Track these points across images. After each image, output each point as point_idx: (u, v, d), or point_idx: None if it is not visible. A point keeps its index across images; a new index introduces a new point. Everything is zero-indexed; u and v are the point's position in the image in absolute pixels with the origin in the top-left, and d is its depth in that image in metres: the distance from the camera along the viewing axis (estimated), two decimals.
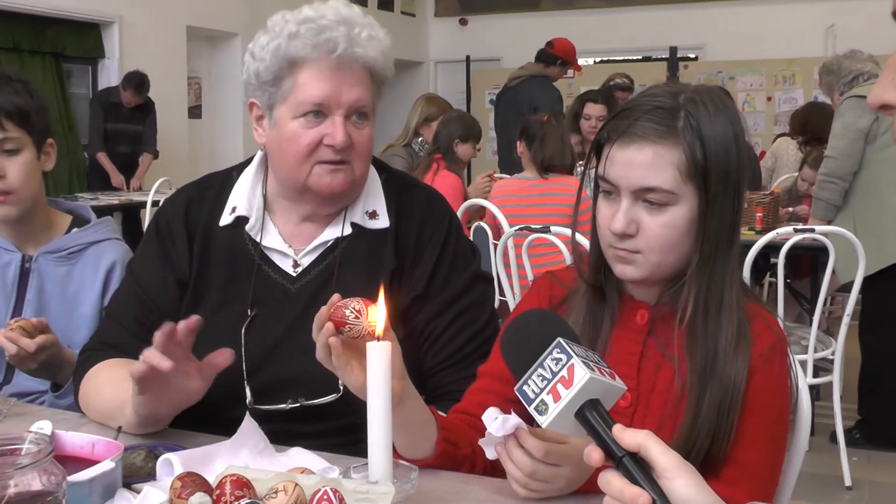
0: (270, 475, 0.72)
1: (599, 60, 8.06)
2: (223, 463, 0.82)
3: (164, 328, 0.87)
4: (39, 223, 1.32)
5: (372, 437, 0.75)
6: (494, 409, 0.79)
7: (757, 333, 0.87)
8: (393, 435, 0.76)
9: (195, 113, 6.39)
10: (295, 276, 1.07)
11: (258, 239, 1.08)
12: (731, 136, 0.85)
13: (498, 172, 3.98)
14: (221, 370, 0.93)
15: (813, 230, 2.48)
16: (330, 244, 1.08)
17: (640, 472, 0.62)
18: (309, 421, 1.01)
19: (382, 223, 1.08)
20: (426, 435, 0.85)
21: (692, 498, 0.61)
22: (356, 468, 0.78)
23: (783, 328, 0.91)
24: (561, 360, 0.66)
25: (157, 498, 0.74)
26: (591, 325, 0.91)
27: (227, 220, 1.09)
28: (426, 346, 1.06)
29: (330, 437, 0.98)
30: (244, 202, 1.09)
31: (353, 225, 1.08)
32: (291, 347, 1.03)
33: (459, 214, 2.95)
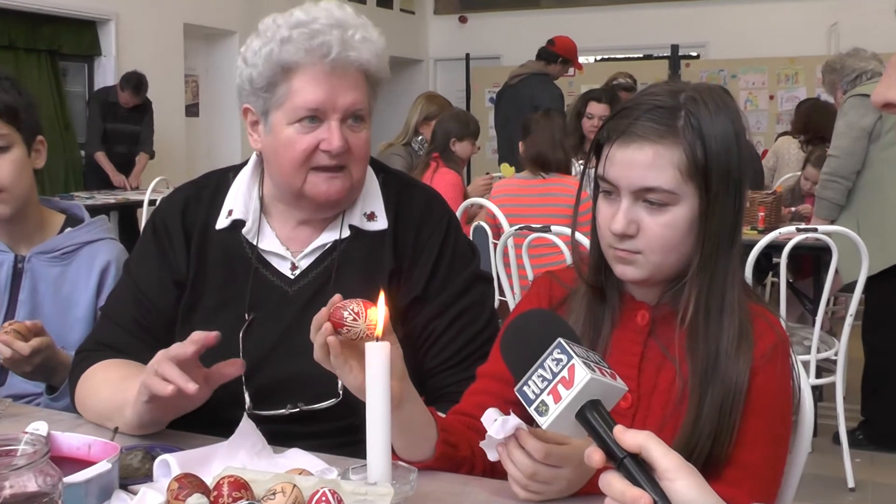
0: (268, 476, 0.72)
1: (600, 58, 8.05)
2: (221, 464, 0.81)
3: (187, 350, 0.87)
4: (32, 222, 1.31)
5: (371, 438, 0.74)
6: (493, 410, 0.78)
7: (759, 334, 0.87)
8: (392, 436, 0.76)
9: (192, 111, 6.36)
10: (293, 278, 1.07)
11: (255, 242, 1.08)
12: (731, 134, 0.85)
13: (498, 172, 3.97)
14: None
15: (816, 230, 2.48)
16: (328, 247, 1.07)
17: (641, 473, 0.61)
18: (308, 423, 1.01)
19: (381, 224, 1.07)
20: (426, 436, 0.84)
21: (694, 499, 0.60)
22: (355, 469, 0.77)
23: (785, 328, 0.90)
24: (561, 360, 0.66)
25: (154, 499, 0.73)
26: (591, 325, 0.91)
27: (223, 223, 1.09)
28: (426, 347, 1.06)
29: (329, 438, 0.98)
30: (240, 205, 1.09)
31: (351, 227, 1.08)
32: (289, 350, 1.03)
33: (459, 213, 2.95)
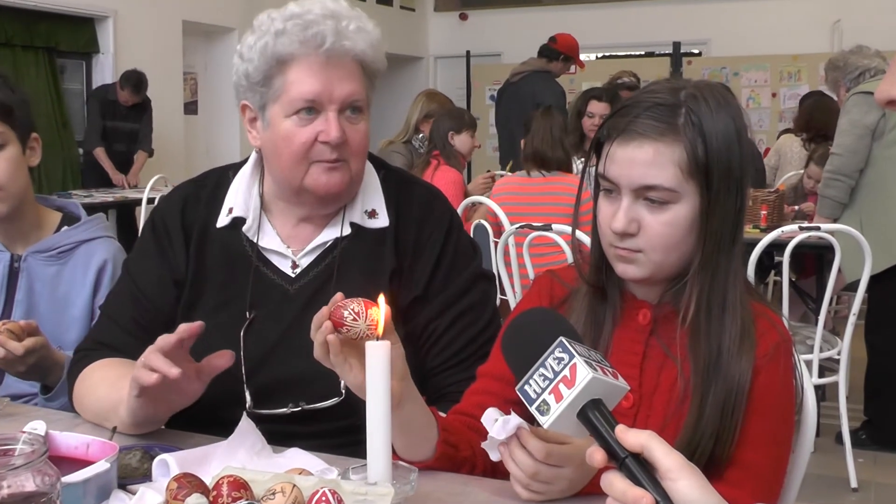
0: (268, 476, 0.72)
1: (601, 56, 8.03)
2: (220, 464, 0.81)
3: (170, 339, 0.86)
4: (28, 221, 1.30)
5: (371, 438, 0.74)
6: (493, 409, 0.78)
7: (761, 333, 0.86)
8: (392, 436, 0.75)
9: (191, 109, 6.34)
10: (294, 276, 1.06)
11: (255, 240, 1.07)
12: (733, 132, 0.84)
13: (500, 170, 3.96)
14: (220, 373, 0.92)
15: (818, 228, 2.47)
16: (329, 245, 1.07)
17: (643, 473, 0.61)
18: (309, 422, 1.01)
19: (382, 222, 1.07)
20: (426, 436, 0.84)
21: (696, 499, 0.60)
22: (355, 469, 0.77)
23: (788, 328, 0.90)
24: (563, 359, 0.65)
25: (152, 499, 0.73)
26: (592, 324, 0.90)
27: (223, 221, 1.08)
28: (427, 347, 1.05)
29: (330, 438, 0.97)
30: (241, 203, 1.08)
31: (352, 225, 1.07)
32: (290, 349, 1.02)
33: (459, 212, 2.94)
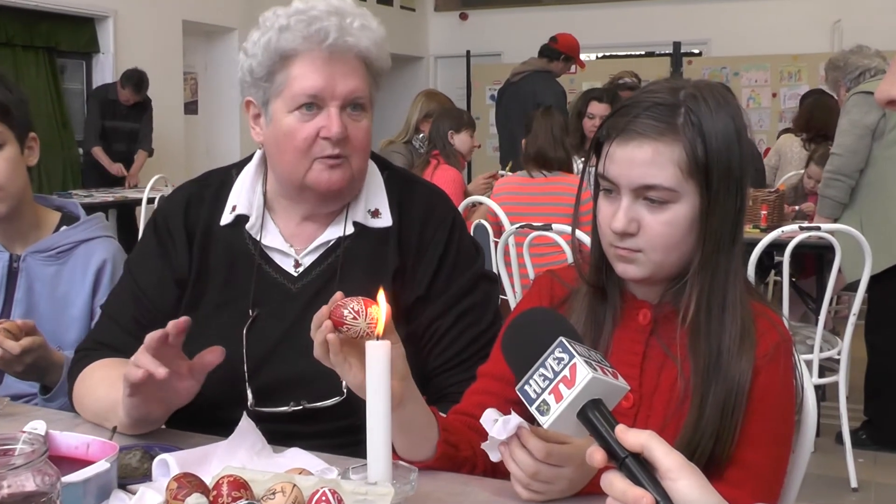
0: (268, 476, 0.72)
1: (602, 55, 8.03)
2: (220, 464, 0.81)
3: (155, 335, 0.86)
4: (27, 221, 1.30)
5: (371, 437, 0.74)
6: (492, 410, 0.78)
7: (761, 333, 0.86)
8: (393, 436, 0.75)
9: (191, 109, 6.35)
10: (296, 275, 1.06)
11: (258, 238, 1.07)
12: (732, 132, 0.84)
13: (501, 170, 3.96)
14: (221, 370, 0.92)
15: (819, 228, 2.47)
16: (332, 244, 1.07)
17: (643, 472, 0.61)
18: (311, 422, 1.00)
19: (385, 222, 1.07)
20: (427, 437, 0.84)
21: (696, 499, 0.60)
22: (355, 469, 0.77)
23: (788, 328, 0.90)
24: (563, 359, 0.65)
25: (152, 499, 0.73)
26: (592, 325, 0.90)
27: (227, 218, 1.08)
28: (429, 347, 1.05)
29: (331, 437, 0.97)
30: (244, 201, 1.08)
31: (355, 224, 1.07)
32: (293, 348, 1.02)
33: (460, 210, 2.93)
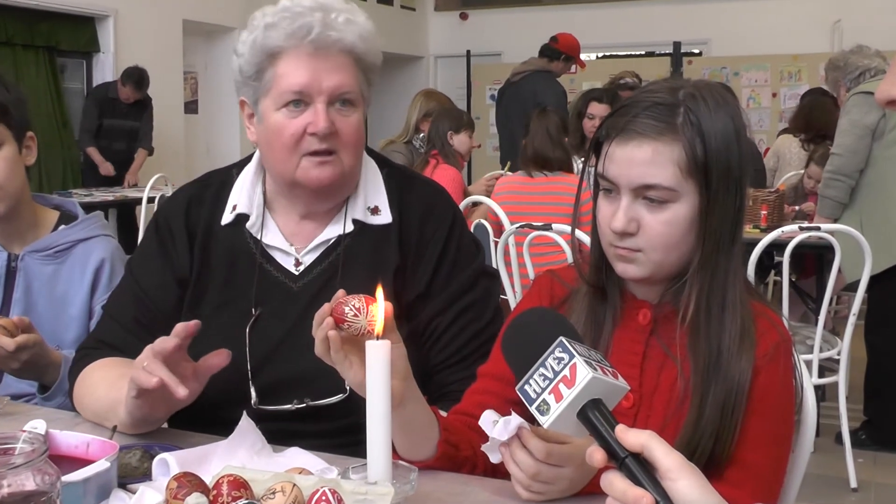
0: (268, 475, 0.72)
1: (602, 55, 8.03)
2: (220, 463, 0.81)
3: (168, 345, 0.86)
4: (25, 220, 1.29)
5: (371, 437, 0.74)
6: (491, 412, 0.77)
7: (761, 332, 0.86)
8: (393, 436, 0.75)
9: (191, 108, 6.35)
10: (297, 274, 1.06)
11: (259, 237, 1.07)
12: (731, 131, 0.84)
13: (502, 169, 3.96)
14: (224, 370, 0.92)
15: (819, 228, 2.47)
16: (332, 242, 1.07)
17: (643, 472, 0.61)
18: (312, 420, 1.01)
19: (385, 219, 1.07)
20: (428, 436, 0.84)
21: (696, 499, 0.60)
22: (355, 469, 0.77)
23: (788, 328, 0.90)
24: (563, 359, 0.65)
25: (152, 498, 0.73)
26: (592, 325, 0.90)
27: (227, 218, 1.08)
28: (429, 344, 1.05)
29: (333, 436, 0.97)
30: (245, 200, 1.08)
31: (354, 222, 1.07)
32: (295, 346, 1.02)
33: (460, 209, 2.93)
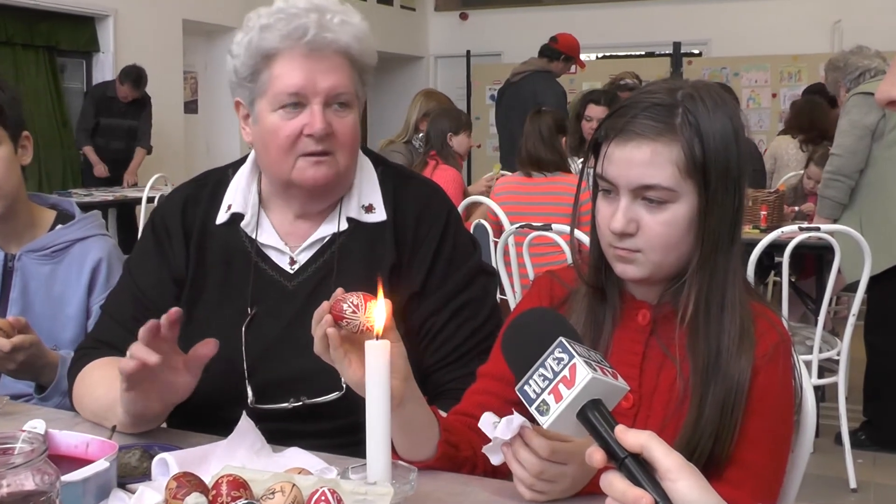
0: (267, 476, 0.72)
1: (602, 56, 8.03)
2: (219, 463, 0.81)
3: (147, 325, 0.86)
4: (21, 220, 1.29)
5: (370, 437, 0.74)
6: (490, 414, 0.77)
7: (760, 333, 0.86)
8: (393, 436, 0.75)
9: (191, 108, 6.34)
10: (292, 273, 1.06)
11: (254, 236, 1.07)
12: (730, 132, 0.84)
13: (500, 169, 3.96)
14: (221, 369, 0.92)
15: (818, 229, 2.47)
16: (326, 240, 1.07)
17: (642, 473, 0.61)
18: (310, 420, 1.01)
19: (379, 216, 1.07)
20: (428, 436, 0.84)
21: (695, 500, 0.60)
22: (354, 469, 0.77)
23: (787, 328, 0.90)
24: (563, 359, 0.65)
25: (152, 498, 0.73)
26: (592, 325, 0.90)
27: (223, 217, 1.08)
28: (425, 342, 1.05)
29: (332, 436, 0.97)
30: (240, 199, 1.08)
31: (349, 220, 1.07)
32: (290, 345, 1.02)
33: (460, 210, 2.94)
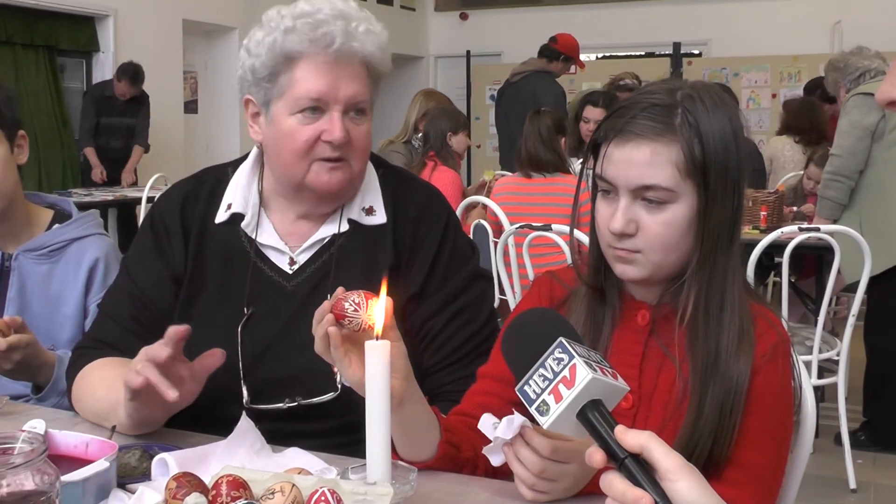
0: (267, 476, 0.72)
1: (602, 56, 8.03)
2: (219, 463, 0.81)
3: (161, 354, 0.86)
4: (18, 220, 1.29)
5: (370, 437, 0.74)
6: (489, 415, 0.77)
7: (760, 333, 0.86)
8: (393, 436, 0.75)
9: (191, 108, 6.35)
10: (291, 273, 1.06)
11: (254, 236, 1.07)
12: (729, 132, 0.84)
13: (499, 170, 3.97)
14: (218, 370, 0.92)
15: (818, 229, 2.47)
16: (326, 241, 1.07)
17: (642, 473, 0.61)
18: (308, 420, 1.00)
19: (379, 219, 1.07)
20: (428, 437, 0.84)
21: (695, 500, 0.60)
22: (354, 469, 0.77)
23: (787, 328, 0.90)
24: (563, 359, 0.65)
25: (152, 498, 0.73)
26: (592, 325, 0.90)
27: (222, 216, 1.08)
28: (423, 345, 1.05)
29: (330, 436, 0.97)
30: (240, 199, 1.08)
31: (349, 221, 1.07)
32: (288, 345, 1.02)
33: (458, 212, 2.94)
